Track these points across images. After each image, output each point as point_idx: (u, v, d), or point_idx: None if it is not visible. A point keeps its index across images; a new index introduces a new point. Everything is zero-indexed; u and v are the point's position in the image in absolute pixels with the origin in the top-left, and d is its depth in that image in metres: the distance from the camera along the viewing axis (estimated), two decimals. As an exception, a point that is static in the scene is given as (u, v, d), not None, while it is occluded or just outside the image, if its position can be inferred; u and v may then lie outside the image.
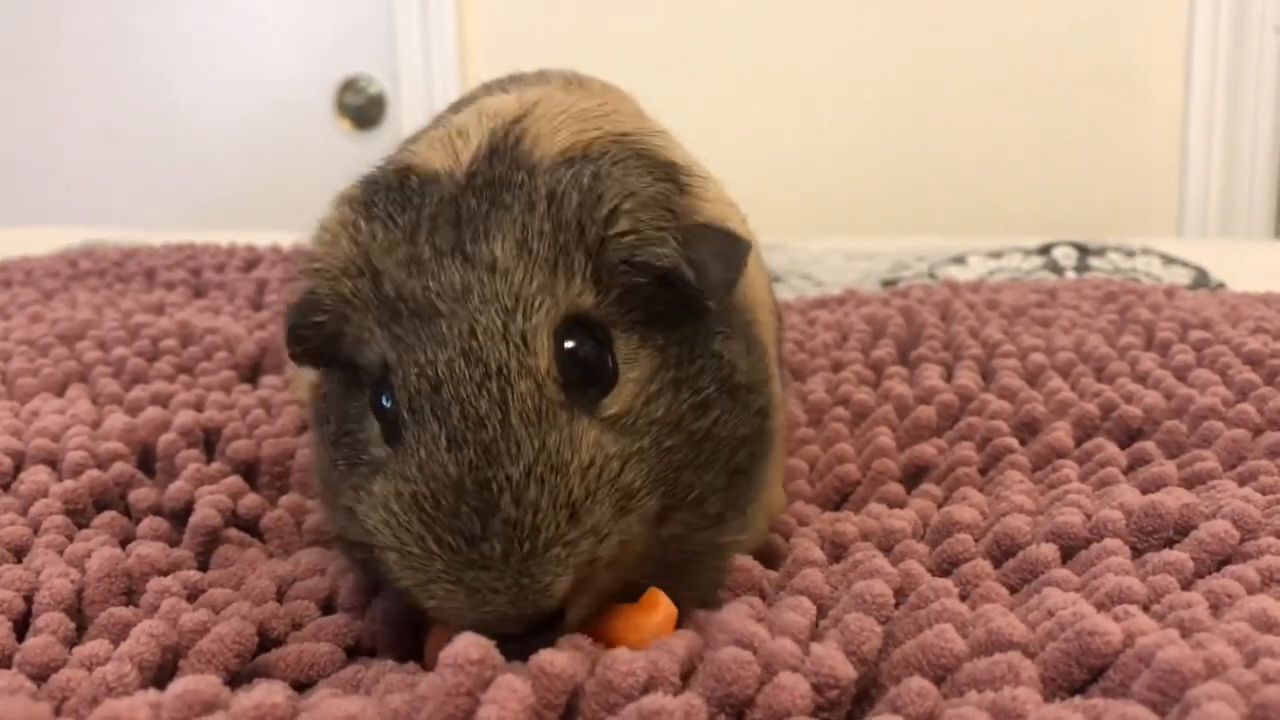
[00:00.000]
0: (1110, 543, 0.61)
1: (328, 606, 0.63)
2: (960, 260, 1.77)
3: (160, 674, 0.54)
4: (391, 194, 0.58)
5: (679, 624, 0.55)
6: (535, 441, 0.50)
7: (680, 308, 0.56)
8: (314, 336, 0.58)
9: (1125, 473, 0.76)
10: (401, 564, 0.51)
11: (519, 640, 0.49)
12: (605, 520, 0.51)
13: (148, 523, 0.72)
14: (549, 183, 0.55)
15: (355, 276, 0.56)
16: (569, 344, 0.53)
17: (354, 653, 0.60)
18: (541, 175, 0.56)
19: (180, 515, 0.74)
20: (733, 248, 0.58)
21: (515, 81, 0.83)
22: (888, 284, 1.62)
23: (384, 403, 0.55)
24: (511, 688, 0.43)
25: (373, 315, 0.55)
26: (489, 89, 0.83)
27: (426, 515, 0.50)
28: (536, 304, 0.53)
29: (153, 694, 0.45)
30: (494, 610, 0.49)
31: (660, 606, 0.55)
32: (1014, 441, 0.82)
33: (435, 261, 0.54)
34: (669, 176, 0.60)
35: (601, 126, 0.62)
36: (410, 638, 0.59)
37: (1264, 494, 0.68)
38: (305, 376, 0.70)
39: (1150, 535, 0.62)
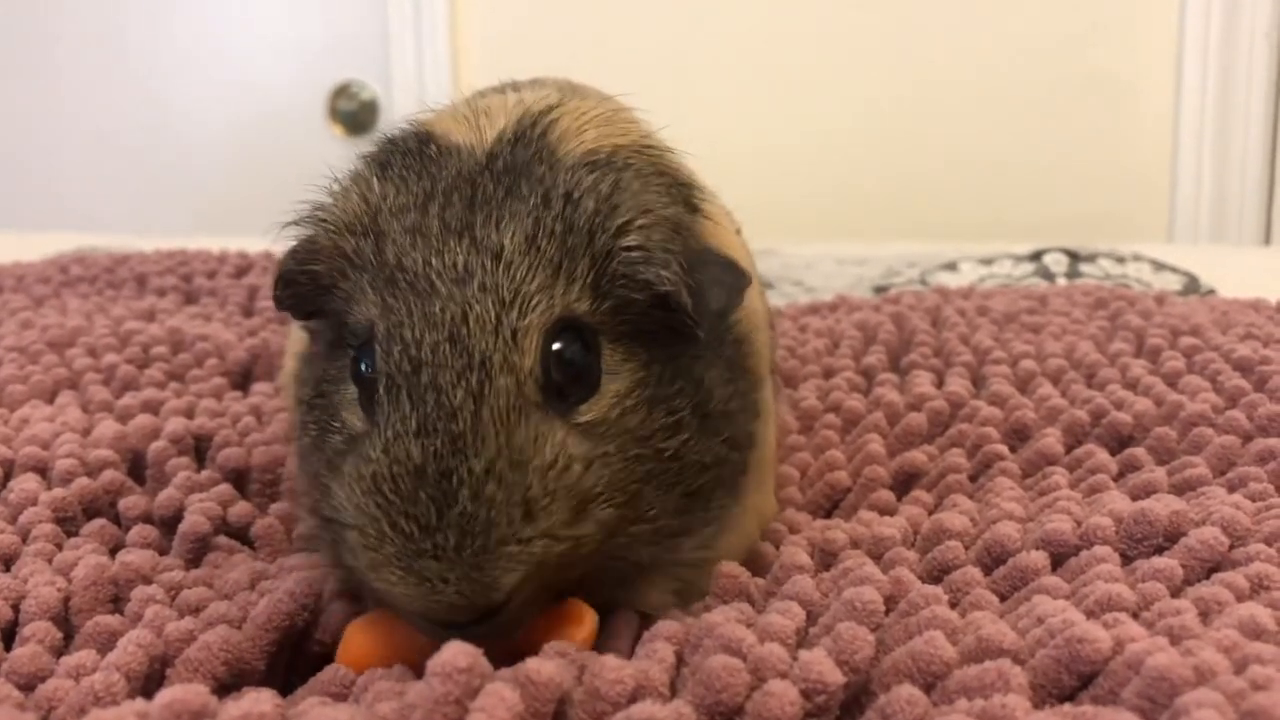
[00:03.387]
0: (1100, 550, 0.61)
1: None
2: (951, 266, 1.77)
3: (148, 683, 0.54)
4: (409, 158, 0.58)
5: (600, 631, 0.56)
6: (501, 438, 0.50)
7: (669, 329, 0.56)
8: (306, 284, 0.58)
9: (1115, 479, 0.77)
10: (359, 542, 0.51)
11: (460, 629, 0.49)
12: (560, 522, 0.51)
13: (137, 530, 0.72)
14: (568, 182, 0.55)
15: (359, 235, 0.56)
16: (557, 346, 0.53)
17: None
18: (562, 173, 0.56)
19: (170, 523, 0.74)
20: (733, 279, 0.58)
21: (510, 89, 0.83)
22: (879, 290, 1.62)
23: (363, 369, 0.55)
24: (500, 696, 0.43)
25: (368, 277, 0.55)
26: (483, 96, 0.83)
27: (384, 498, 0.50)
28: (534, 302, 0.53)
29: (140, 703, 0.45)
30: (441, 600, 0.49)
31: (586, 621, 0.55)
32: (1004, 448, 0.82)
33: (441, 239, 0.54)
34: (684, 198, 0.61)
35: (629, 134, 0.62)
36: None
37: (1253, 500, 0.68)
38: (286, 362, 0.70)
39: (1140, 542, 0.62)
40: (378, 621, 0.56)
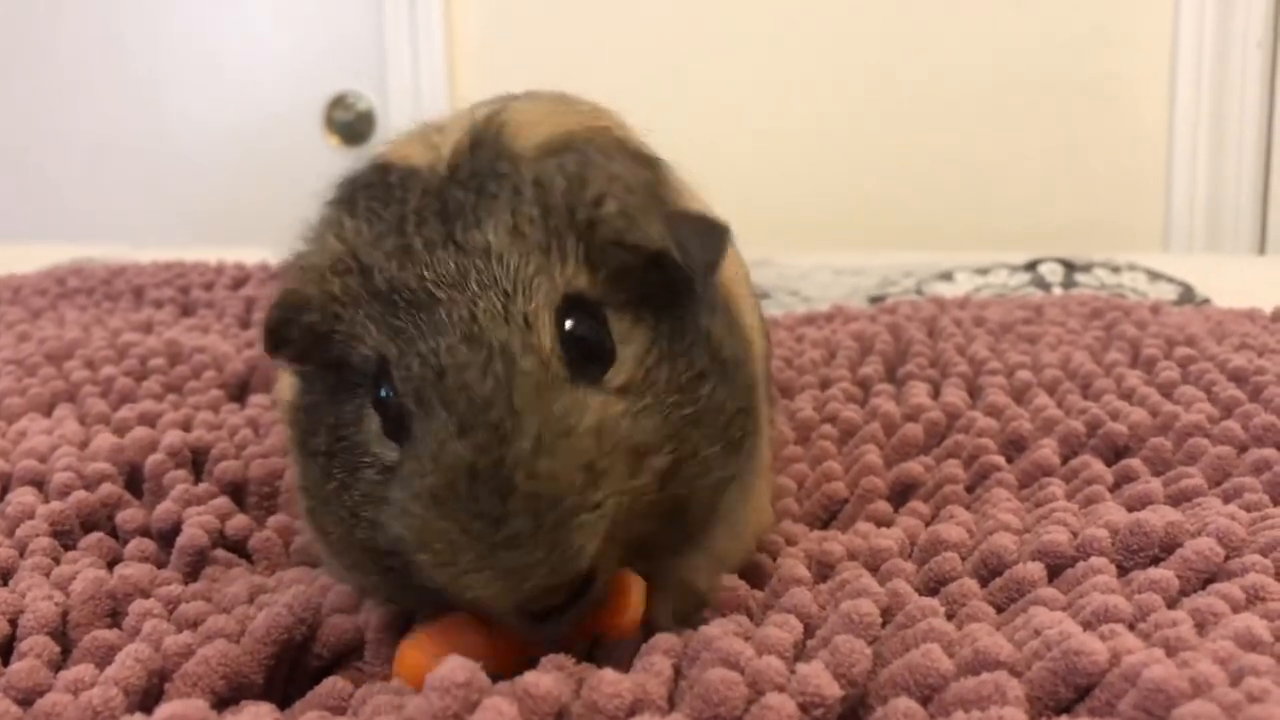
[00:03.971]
0: (1096, 561, 0.61)
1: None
2: (947, 276, 1.78)
3: (146, 698, 0.54)
4: (372, 189, 0.58)
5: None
6: (539, 414, 0.50)
7: (668, 289, 0.57)
8: (299, 337, 0.58)
9: (1111, 490, 0.77)
10: (433, 562, 0.50)
11: (558, 614, 0.50)
12: (621, 476, 0.51)
13: (135, 544, 0.72)
14: (534, 170, 0.56)
15: (343, 274, 0.56)
16: (569, 324, 0.54)
17: (335, 665, 0.60)
18: (526, 164, 0.56)
19: (168, 536, 0.74)
20: (712, 231, 0.59)
21: (501, 102, 0.83)
22: (875, 300, 1.62)
23: (384, 395, 0.54)
24: (498, 710, 0.43)
25: (364, 311, 0.55)
26: (450, 116, 0.84)
27: (447, 507, 0.49)
28: (535, 286, 0.53)
29: (139, 718, 0.45)
30: (534, 586, 0.49)
31: (634, 590, 0.55)
32: (1001, 459, 0.83)
33: (427, 252, 0.54)
34: (649, 165, 0.62)
35: (580, 120, 0.63)
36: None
37: (1249, 511, 0.68)
38: (282, 394, 0.69)
39: (1136, 553, 0.62)
40: (434, 634, 0.56)
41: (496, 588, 0.49)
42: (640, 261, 0.56)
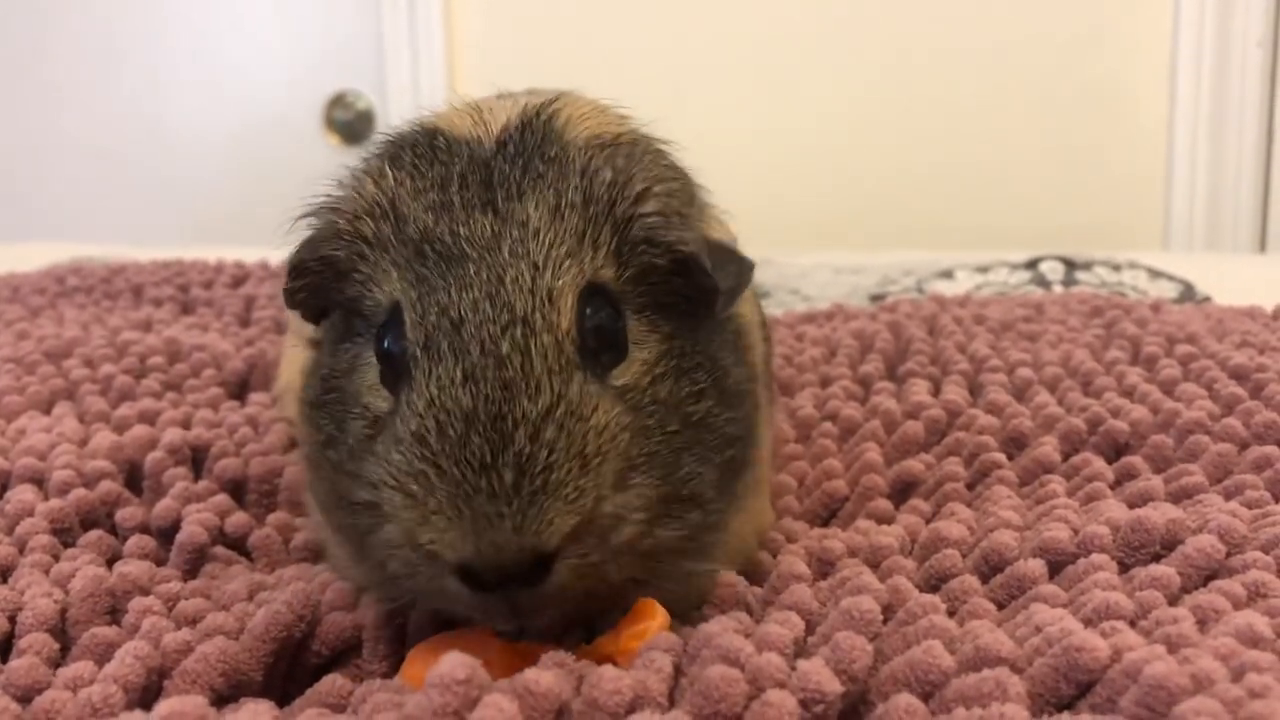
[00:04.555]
0: (1097, 558, 0.61)
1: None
2: (948, 274, 1.77)
3: (146, 695, 0.54)
4: (419, 149, 0.59)
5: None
6: (557, 388, 0.50)
7: (688, 302, 0.58)
8: (321, 271, 0.58)
9: (1112, 487, 0.77)
10: (401, 503, 0.50)
11: (506, 587, 0.49)
12: (607, 483, 0.51)
13: (134, 541, 0.72)
14: (582, 159, 0.57)
15: (378, 218, 0.57)
16: (588, 311, 0.54)
17: (335, 662, 0.60)
18: (574, 151, 0.58)
19: (167, 534, 0.74)
20: (739, 262, 0.60)
21: (507, 98, 0.83)
22: (875, 299, 1.62)
23: (387, 346, 0.55)
24: (499, 707, 0.43)
25: (390, 256, 0.55)
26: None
27: (430, 449, 0.50)
28: (564, 268, 0.54)
29: (138, 715, 0.45)
30: (494, 540, 0.48)
31: (658, 614, 0.55)
32: (1001, 456, 0.82)
33: (465, 211, 0.55)
34: (683, 178, 0.63)
35: (625, 124, 0.65)
36: (398, 642, 0.59)
37: (1250, 508, 0.68)
38: (282, 372, 0.69)
39: (1137, 550, 0.62)
40: (442, 643, 0.56)
41: (455, 533, 0.49)
42: (667, 265, 0.57)
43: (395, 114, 3.04)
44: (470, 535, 0.48)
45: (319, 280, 0.59)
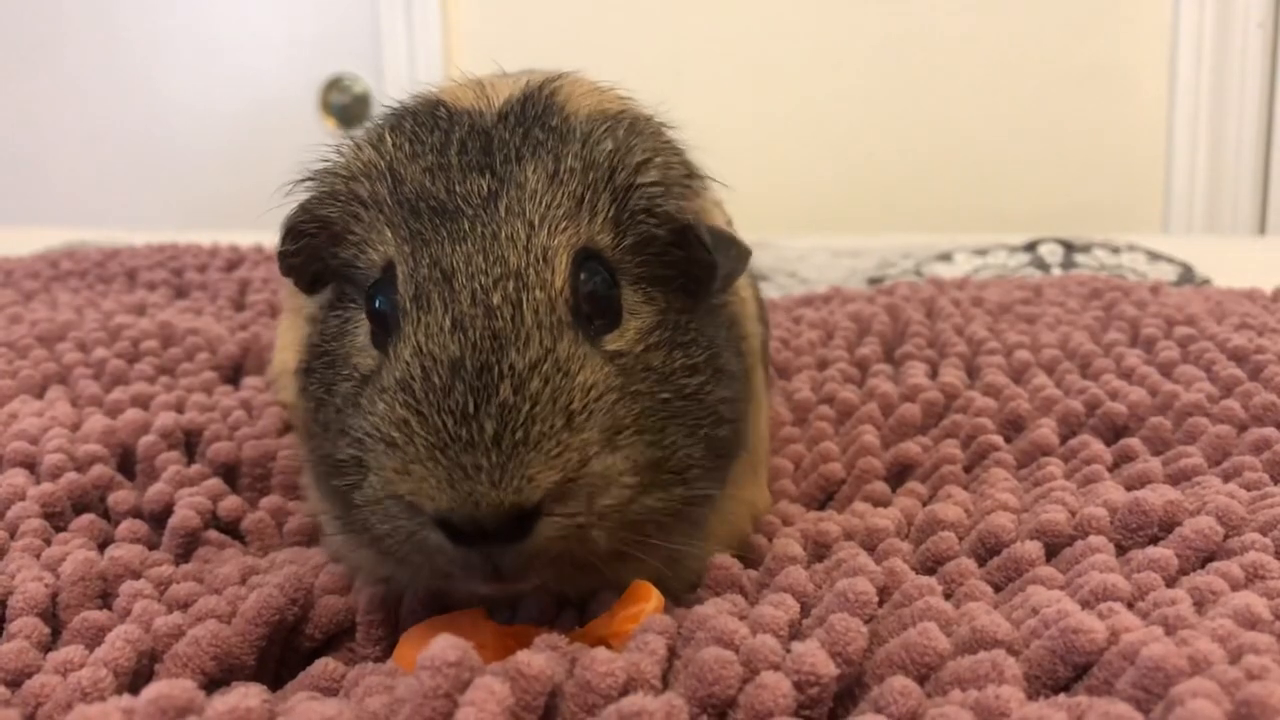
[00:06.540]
0: (1095, 540, 0.60)
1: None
2: (946, 257, 1.77)
3: (136, 679, 0.53)
4: (419, 117, 0.59)
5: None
6: (546, 341, 0.50)
7: (684, 276, 0.58)
8: (316, 233, 0.58)
9: (1110, 469, 0.76)
10: (382, 450, 0.50)
11: (487, 541, 0.48)
12: (593, 441, 0.50)
13: (127, 525, 0.72)
14: (583, 129, 0.57)
15: (374, 179, 0.57)
16: (583, 276, 0.54)
17: (327, 646, 0.60)
18: (577, 121, 0.58)
19: (160, 518, 0.73)
20: (737, 247, 0.60)
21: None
22: (873, 281, 1.61)
23: (378, 306, 0.55)
24: (490, 689, 0.43)
25: (385, 216, 0.55)
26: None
27: (414, 396, 0.49)
28: (560, 228, 0.54)
29: (126, 699, 0.45)
30: (472, 491, 0.47)
31: (652, 596, 0.55)
32: (999, 439, 0.82)
33: (462, 172, 0.55)
34: (686, 156, 0.64)
35: (626, 103, 0.65)
36: (391, 626, 0.59)
37: (1248, 490, 0.68)
38: (276, 355, 0.69)
39: (1135, 532, 0.61)
40: (435, 626, 0.55)
41: (434, 481, 0.48)
42: (665, 237, 0.56)
43: (391, 97, 3.03)
44: (447, 486, 0.48)
45: (314, 244, 0.59)
